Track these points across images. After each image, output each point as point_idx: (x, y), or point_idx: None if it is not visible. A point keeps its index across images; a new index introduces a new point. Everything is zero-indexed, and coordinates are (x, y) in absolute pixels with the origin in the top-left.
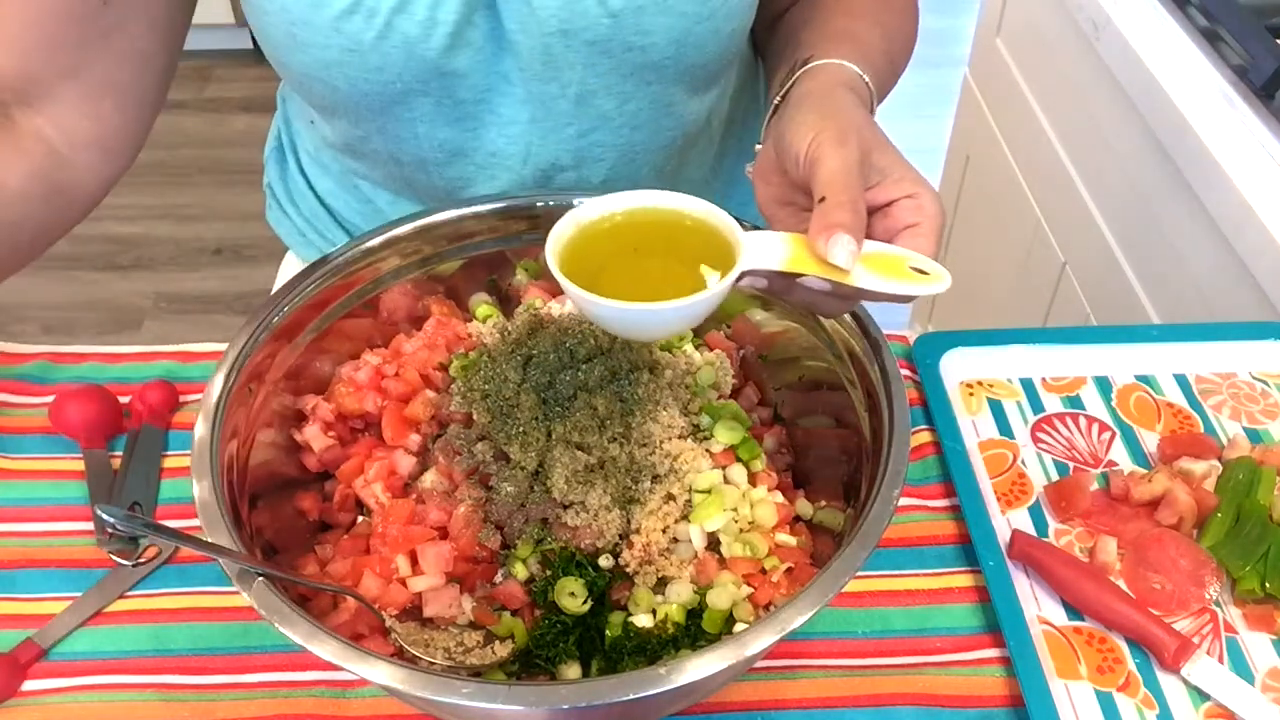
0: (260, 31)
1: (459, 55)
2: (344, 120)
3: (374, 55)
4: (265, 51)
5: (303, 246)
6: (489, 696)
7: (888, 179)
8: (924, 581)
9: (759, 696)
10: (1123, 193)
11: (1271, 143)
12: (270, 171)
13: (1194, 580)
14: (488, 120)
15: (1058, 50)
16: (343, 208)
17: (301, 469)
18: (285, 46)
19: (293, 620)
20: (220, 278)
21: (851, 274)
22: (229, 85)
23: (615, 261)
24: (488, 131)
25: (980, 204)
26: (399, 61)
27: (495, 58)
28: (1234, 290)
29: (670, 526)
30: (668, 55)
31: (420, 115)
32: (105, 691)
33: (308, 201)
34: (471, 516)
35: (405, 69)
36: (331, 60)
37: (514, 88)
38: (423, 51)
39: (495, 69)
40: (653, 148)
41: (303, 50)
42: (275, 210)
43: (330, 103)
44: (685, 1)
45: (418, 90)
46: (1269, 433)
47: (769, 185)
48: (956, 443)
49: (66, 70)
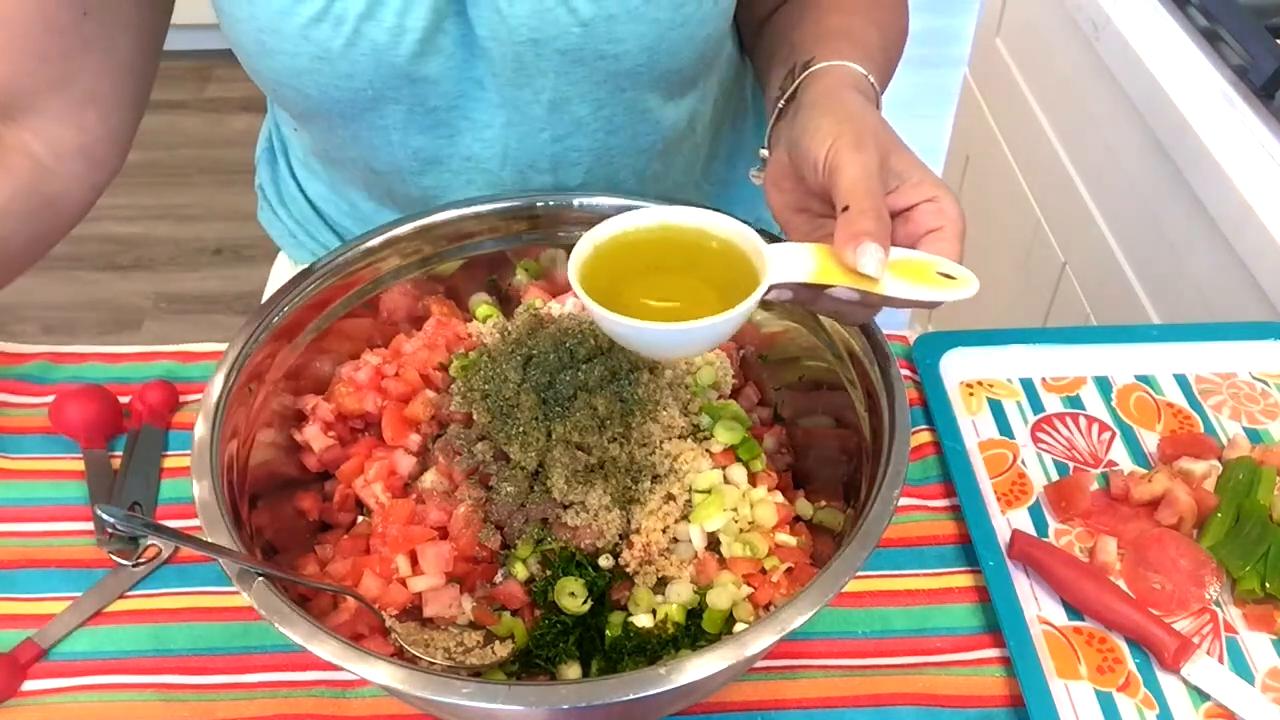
0: (232, 40)
1: (429, 62)
2: (318, 127)
3: (343, 62)
4: (240, 59)
5: (294, 248)
6: (489, 696)
7: (906, 183)
8: (924, 581)
9: (759, 696)
10: (1123, 193)
11: (1271, 143)
12: (261, 173)
13: (1194, 580)
14: (461, 126)
15: (1058, 50)
16: (333, 211)
17: (301, 469)
18: (256, 54)
19: (293, 620)
20: (220, 278)
21: (880, 282)
22: (229, 85)
23: (637, 279)
24: (462, 138)
25: (980, 204)
26: (368, 69)
27: (467, 64)
28: (1234, 290)
29: (670, 526)
30: (640, 62)
31: (393, 123)
32: (105, 691)
33: (298, 204)
34: (471, 516)
35: (375, 76)
36: (301, 68)
37: (487, 93)
38: (391, 58)
39: (468, 74)
40: (630, 151)
41: (272, 57)
42: (266, 211)
43: (304, 110)
44: (657, 9)
45: (389, 97)
46: (1269, 433)
47: (783, 192)
48: (956, 443)
49: (50, 82)
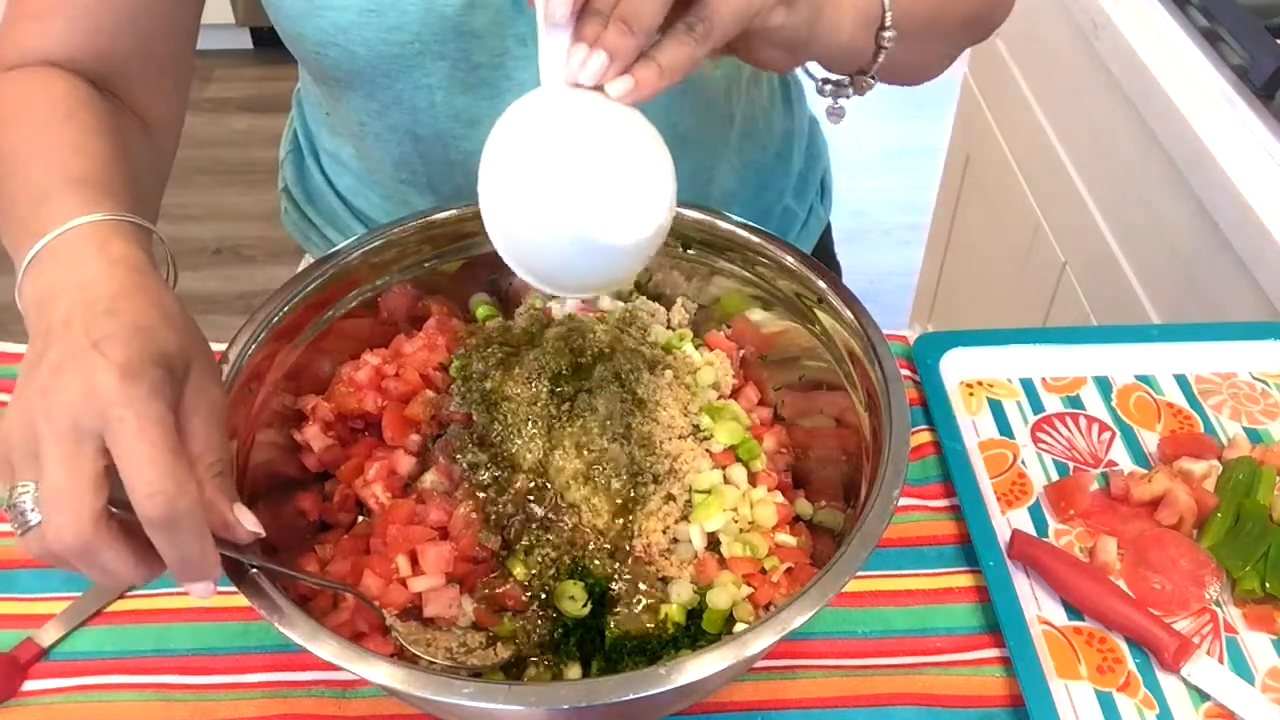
0: (274, 4)
1: (477, 15)
2: (359, 94)
3: (392, 13)
4: (279, 25)
5: (323, 247)
6: (489, 696)
7: None
8: (924, 581)
9: (759, 696)
10: (1123, 193)
11: (1271, 143)
12: (287, 174)
13: (1194, 580)
14: (503, 86)
15: (1058, 50)
16: (363, 204)
17: (301, 469)
18: (302, 14)
19: (293, 620)
20: (220, 278)
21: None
22: (229, 85)
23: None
24: (504, 98)
25: (980, 204)
26: (417, 20)
27: (512, 19)
28: (1234, 290)
29: (670, 527)
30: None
31: (436, 81)
32: (105, 691)
33: (326, 199)
34: (471, 517)
35: (423, 28)
36: (349, 22)
37: (530, 49)
38: (441, 8)
39: (511, 30)
40: (672, 112)
41: (319, 14)
42: (293, 213)
43: (346, 72)
44: None
45: (435, 52)
46: (1269, 433)
47: None
48: (956, 443)
49: (136, 50)
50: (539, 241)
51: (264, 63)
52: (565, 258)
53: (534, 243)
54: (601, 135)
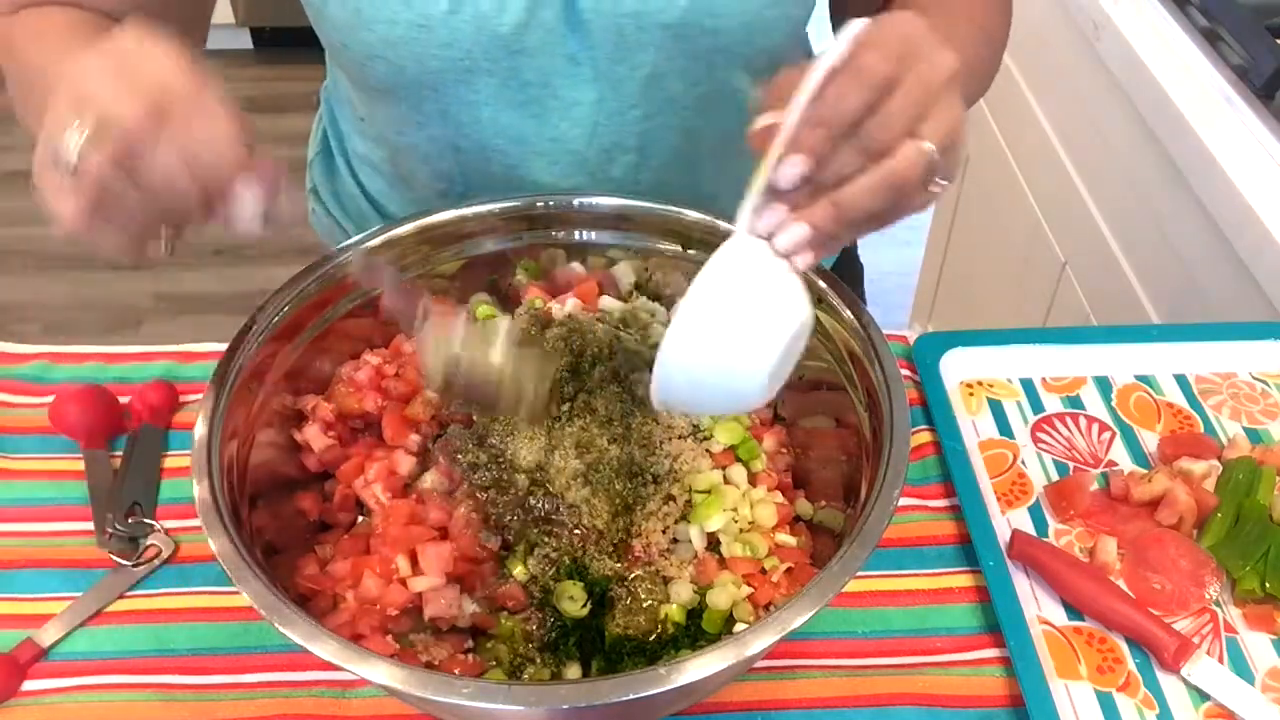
0: (319, 12)
1: (530, 34)
2: (403, 105)
3: (444, 30)
4: (322, 34)
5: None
6: (489, 696)
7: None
8: (924, 581)
9: (759, 696)
10: (1123, 193)
11: (1271, 143)
12: (315, 174)
13: (1194, 580)
14: (550, 105)
15: (1058, 51)
16: (395, 208)
17: (301, 469)
18: (349, 26)
19: (292, 620)
20: (220, 278)
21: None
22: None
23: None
24: (550, 116)
25: (980, 204)
26: (469, 36)
27: (563, 39)
28: (1234, 290)
29: (670, 527)
30: (738, 39)
31: (484, 97)
32: (105, 691)
33: (356, 203)
34: (471, 517)
35: (475, 45)
36: (399, 37)
37: (580, 69)
38: (494, 27)
39: (561, 50)
40: (714, 133)
41: (368, 28)
42: (320, 214)
43: (392, 84)
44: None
45: (484, 68)
46: (1269, 433)
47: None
48: (956, 443)
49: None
50: (702, 374)
51: (264, 63)
52: (711, 391)
53: (698, 375)
54: (778, 292)
